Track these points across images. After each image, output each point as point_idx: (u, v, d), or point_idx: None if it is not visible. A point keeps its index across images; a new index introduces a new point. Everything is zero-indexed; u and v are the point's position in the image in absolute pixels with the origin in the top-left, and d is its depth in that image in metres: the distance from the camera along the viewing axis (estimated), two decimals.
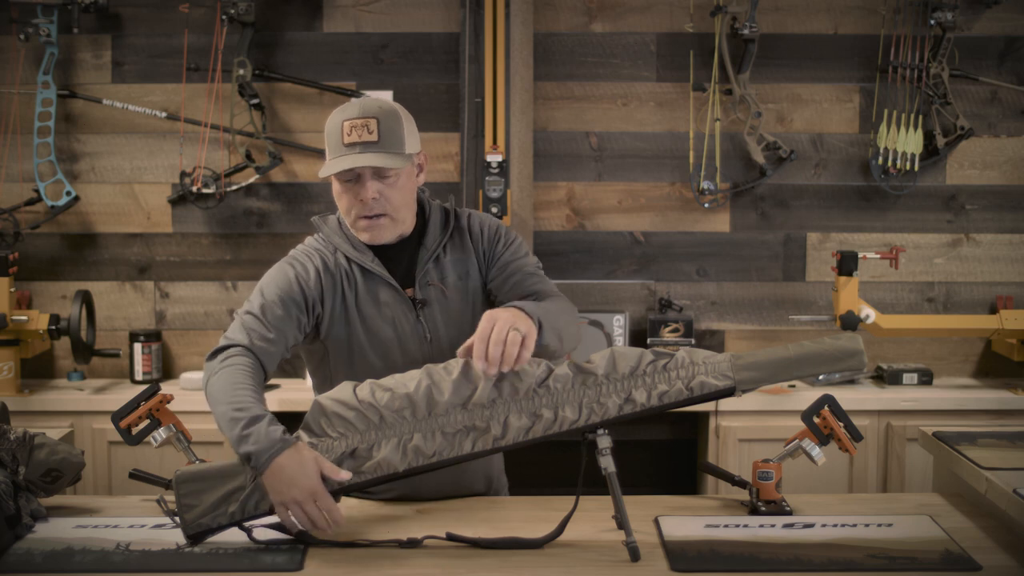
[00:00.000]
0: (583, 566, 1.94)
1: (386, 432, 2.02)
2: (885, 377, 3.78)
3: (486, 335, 1.99)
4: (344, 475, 2.00)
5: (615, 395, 2.02)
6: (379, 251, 2.30)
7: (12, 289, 3.58)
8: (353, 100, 2.27)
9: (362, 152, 2.18)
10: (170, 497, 2.12)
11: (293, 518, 1.99)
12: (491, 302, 2.36)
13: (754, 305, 4.00)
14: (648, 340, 3.85)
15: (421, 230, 2.33)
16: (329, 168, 2.20)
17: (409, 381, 2.04)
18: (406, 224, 2.29)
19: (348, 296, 2.28)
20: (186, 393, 3.57)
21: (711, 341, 3.99)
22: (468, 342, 2.03)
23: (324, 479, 1.99)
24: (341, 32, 3.90)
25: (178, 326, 3.96)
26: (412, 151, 2.25)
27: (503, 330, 1.99)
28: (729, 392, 2.02)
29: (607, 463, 2.01)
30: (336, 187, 2.24)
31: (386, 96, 3.87)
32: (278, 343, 2.19)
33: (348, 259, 2.29)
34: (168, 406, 2.24)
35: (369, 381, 2.07)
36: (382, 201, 2.21)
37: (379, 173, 2.20)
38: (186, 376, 3.74)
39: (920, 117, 3.83)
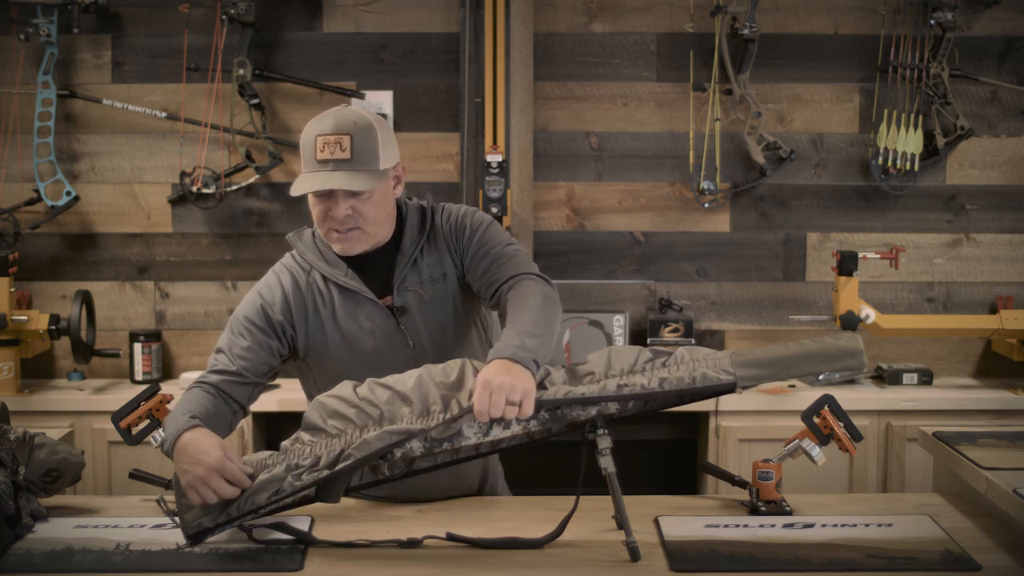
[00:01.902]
0: (583, 566, 1.94)
1: (383, 425, 2.02)
2: (885, 377, 3.78)
3: (484, 408, 1.94)
4: (244, 480, 2.01)
5: (612, 381, 2.02)
6: (355, 262, 2.28)
7: (12, 289, 3.58)
8: (330, 111, 2.22)
9: (334, 170, 2.15)
10: (170, 497, 2.12)
11: (200, 496, 1.99)
12: (472, 291, 2.31)
13: (754, 305, 4.00)
14: (648, 340, 3.85)
15: (398, 235, 2.31)
16: (300, 187, 2.17)
17: (408, 378, 2.04)
18: (380, 235, 2.26)
19: (323, 313, 2.27)
20: None
21: (711, 341, 3.98)
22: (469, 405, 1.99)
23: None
24: (341, 32, 3.90)
25: (178, 326, 3.96)
26: (388, 165, 2.21)
27: (500, 402, 1.94)
28: (730, 387, 2.02)
29: (607, 463, 2.00)
30: (310, 199, 2.22)
31: (386, 97, 3.87)
32: (246, 373, 2.22)
33: (322, 275, 2.28)
34: (168, 406, 2.24)
35: (370, 380, 2.07)
36: (355, 216, 2.19)
37: (351, 191, 2.17)
38: (186, 376, 3.74)
39: (920, 117, 3.83)
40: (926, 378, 3.77)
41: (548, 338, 2.08)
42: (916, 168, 3.82)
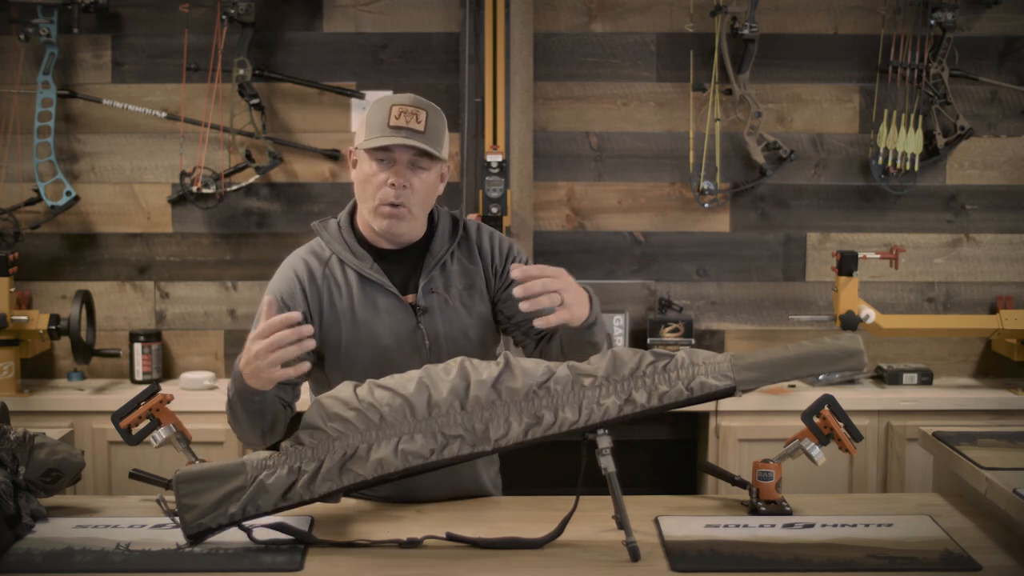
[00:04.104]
0: (583, 566, 1.94)
1: (386, 432, 2.02)
2: (885, 377, 3.78)
3: (546, 272, 2.03)
4: (310, 344, 1.99)
5: (615, 396, 2.02)
6: (380, 256, 2.30)
7: (12, 289, 3.58)
8: (398, 94, 2.28)
9: (407, 138, 2.19)
10: (170, 497, 2.11)
11: (266, 364, 1.98)
12: (499, 320, 2.36)
13: (754, 305, 4.00)
14: (648, 340, 3.85)
15: (428, 236, 2.33)
16: (375, 142, 2.19)
17: (408, 382, 2.04)
18: (419, 224, 2.29)
19: (339, 304, 2.27)
20: (186, 393, 3.57)
21: (711, 341, 3.98)
22: (527, 269, 2.05)
23: None
24: (341, 32, 3.90)
25: (178, 326, 3.96)
26: (445, 156, 2.27)
27: (554, 284, 2.03)
28: (729, 392, 2.02)
29: (607, 463, 2.00)
30: (364, 170, 2.23)
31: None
32: None
33: (344, 265, 2.29)
34: (168, 406, 2.24)
35: (369, 381, 2.06)
36: (408, 192, 2.21)
37: (415, 163, 2.21)
38: (186, 376, 3.74)
39: (920, 117, 3.83)
40: (926, 378, 3.77)
41: (603, 325, 2.20)
42: (916, 168, 3.83)
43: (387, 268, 2.29)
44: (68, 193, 3.76)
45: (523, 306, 2.02)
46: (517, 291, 2.02)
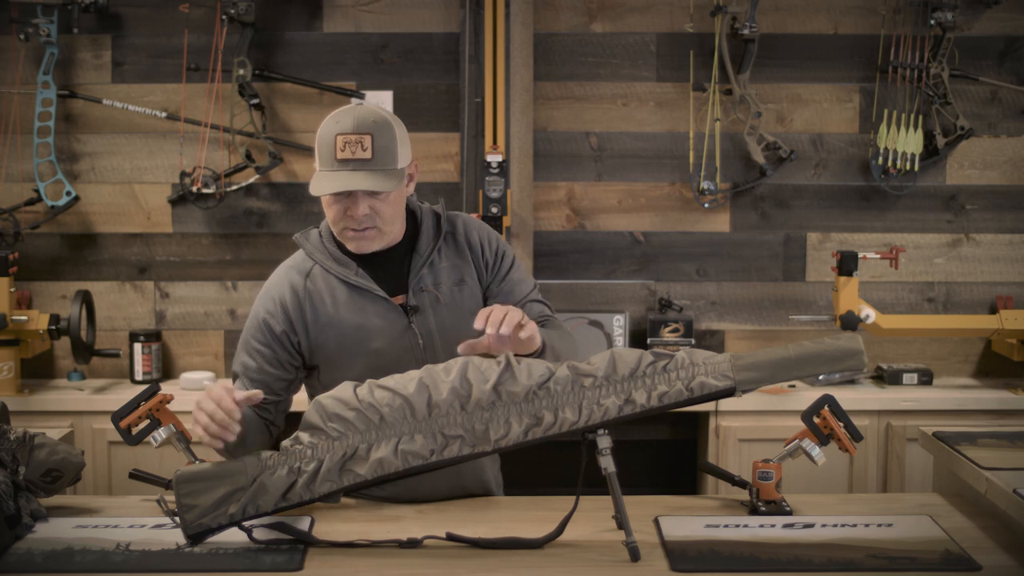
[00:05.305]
0: (583, 566, 1.94)
1: (386, 432, 2.02)
2: (885, 377, 3.78)
3: (491, 308, 2.07)
4: (228, 402, 2.04)
5: (615, 396, 2.02)
6: (365, 261, 2.29)
7: (12, 289, 3.58)
8: (346, 109, 2.23)
9: (355, 170, 2.17)
10: (170, 497, 2.12)
11: (197, 424, 2.05)
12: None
13: (754, 305, 4.00)
14: (648, 340, 3.85)
15: (412, 235, 2.33)
16: (321, 187, 2.18)
17: (408, 382, 2.04)
18: (394, 234, 2.29)
19: (325, 313, 2.27)
20: (186, 393, 3.56)
21: (711, 341, 3.98)
22: (471, 341, 2.09)
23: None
24: (341, 32, 3.90)
25: (178, 326, 3.96)
26: (404, 164, 2.24)
27: (505, 308, 2.06)
28: (729, 392, 2.02)
29: (607, 463, 2.00)
30: (325, 198, 2.23)
31: (386, 97, 3.87)
32: (266, 394, 2.24)
33: (328, 274, 2.29)
34: (168, 406, 2.24)
35: (369, 381, 2.07)
36: (372, 216, 2.21)
37: (371, 191, 2.19)
38: (186, 376, 3.74)
39: (920, 117, 3.83)
40: (926, 378, 3.77)
41: (559, 344, 2.22)
42: (916, 168, 3.83)
43: (373, 272, 2.29)
44: (68, 193, 3.76)
45: (491, 331, 2.05)
46: (478, 324, 2.06)
